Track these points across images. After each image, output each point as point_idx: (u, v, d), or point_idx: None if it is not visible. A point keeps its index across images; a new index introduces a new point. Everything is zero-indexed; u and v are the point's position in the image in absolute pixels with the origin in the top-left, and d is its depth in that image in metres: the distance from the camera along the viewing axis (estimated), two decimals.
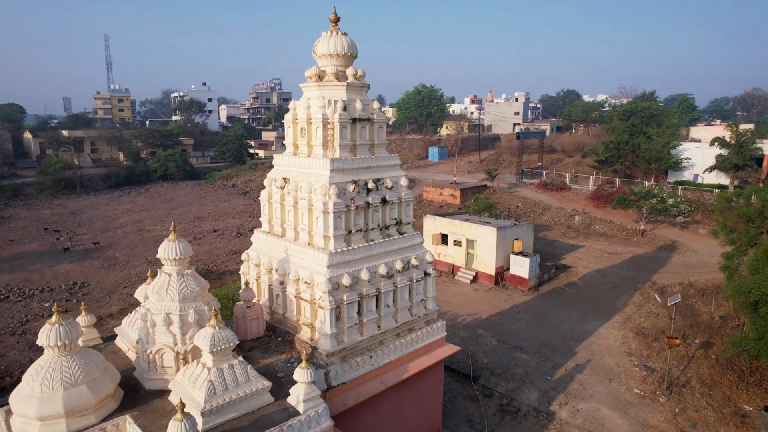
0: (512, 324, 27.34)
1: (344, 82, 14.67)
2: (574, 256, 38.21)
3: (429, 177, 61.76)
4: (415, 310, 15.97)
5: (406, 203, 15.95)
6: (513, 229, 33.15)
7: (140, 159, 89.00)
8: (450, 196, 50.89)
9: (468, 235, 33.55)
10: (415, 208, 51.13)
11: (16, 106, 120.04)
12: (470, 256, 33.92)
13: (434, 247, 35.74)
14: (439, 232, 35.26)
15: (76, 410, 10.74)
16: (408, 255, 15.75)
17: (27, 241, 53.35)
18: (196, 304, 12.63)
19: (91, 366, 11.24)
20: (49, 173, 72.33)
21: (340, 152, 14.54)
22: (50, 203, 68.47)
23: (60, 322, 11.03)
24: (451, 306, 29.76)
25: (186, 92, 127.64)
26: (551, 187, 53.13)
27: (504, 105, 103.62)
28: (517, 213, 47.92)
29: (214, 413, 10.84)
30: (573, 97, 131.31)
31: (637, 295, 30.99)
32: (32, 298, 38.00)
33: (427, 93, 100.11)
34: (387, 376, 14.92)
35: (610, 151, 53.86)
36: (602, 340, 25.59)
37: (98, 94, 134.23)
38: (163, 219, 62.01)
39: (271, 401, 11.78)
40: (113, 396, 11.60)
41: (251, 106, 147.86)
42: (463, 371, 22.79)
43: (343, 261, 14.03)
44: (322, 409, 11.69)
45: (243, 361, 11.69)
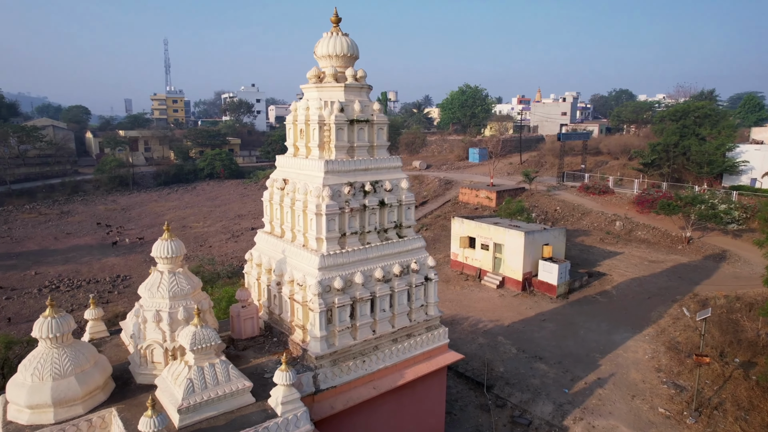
0: (535, 332, 26.35)
1: (342, 84, 14.53)
2: (611, 263, 36.45)
3: (467, 178, 60.77)
4: (414, 315, 15.63)
5: (407, 206, 15.64)
6: (542, 233, 31.99)
7: (189, 158, 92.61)
8: (486, 198, 49.83)
9: (495, 239, 32.67)
10: (450, 210, 50.46)
11: (82, 107, 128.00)
12: (497, 261, 33.02)
13: (462, 250, 35.08)
14: (467, 235, 34.54)
15: (63, 400, 11.16)
16: (407, 259, 15.44)
17: (81, 234, 56.62)
18: (187, 302, 12.86)
19: (81, 359, 11.65)
20: (105, 171, 76.51)
21: (337, 154, 14.41)
22: (105, 199, 72.42)
23: (52, 316, 11.49)
24: (474, 311, 29.06)
25: (235, 93, 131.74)
26: (593, 191, 50.99)
27: (551, 105, 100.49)
28: (555, 217, 46.27)
29: (191, 411, 10.97)
30: (626, 97, 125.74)
31: (674, 307, 29.15)
32: (79, 288, 40.25)
33: (471, 93, 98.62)
34: (381, 381, 14.67)
35: (657, 154, 51.03)
36: (630, 353, 24.21)
37: (155, 95, 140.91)
38: (206, 216, 64.25)
39: (252, 402, 11.81)
40: (102, 388, 11.97)
41: None
42: (478, 379, 22.16)
43: (336, 264, 13.90)
44: (301, 413, 11.60)
45: (225, 361, 11.78)
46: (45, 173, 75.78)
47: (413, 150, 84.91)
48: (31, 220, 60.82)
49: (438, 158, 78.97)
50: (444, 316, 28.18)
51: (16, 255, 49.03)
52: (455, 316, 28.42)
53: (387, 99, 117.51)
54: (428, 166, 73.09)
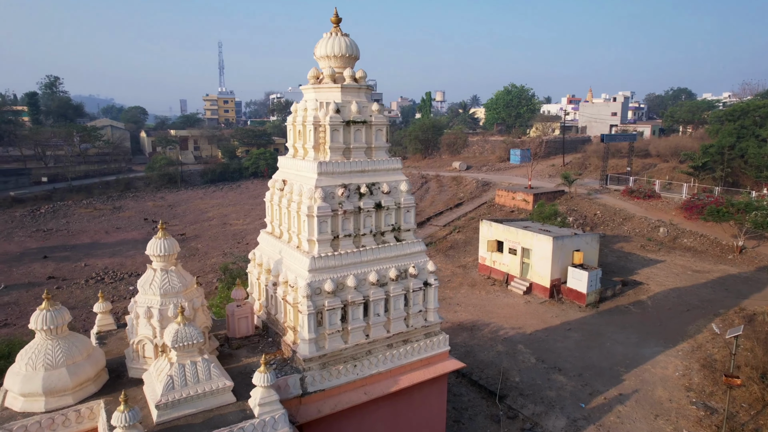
0: (558, 342, 25.27)
1: (339, 84, 14.39)
2: (650, 271, 34.50)
3: (505, 180, 59.34)
4: (412, 321, 15.28)
5: (406, 209, 15.31)
6: (573, 239, 30.66)
7: (236, 157, 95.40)
8: (522, 201, 48.44)
9: (523, 243, 31.63)
10: (485, 212, 49.40)
11: (140, 108, 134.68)
12: (525, 266, 31.96)
13: (489, 254, 34.22)
14: (495, 238, 33.64)
15: (53, 390, 11.61)
16: (405, 263, 15.11)
17: (129, 229, 59.52)
18: (178, 299, 13.09)
19: (74, 351, 12.09)
20: (156, 169, 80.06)
21: (332, 155, 14.29)
22: (154, 196, 75.79)
23: (48, 309, 11.99)
24: (496, 317, 28.23)
25: (283, 94, 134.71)
26: (637, 195, 48.51)
27: (600, 105, 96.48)
28: (594, 222, 44.33)
29: (169, 407, 11.14)
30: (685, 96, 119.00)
31: (716, 321, 27.20)
32: (122, 281, 42.30)
33: (516, 93, 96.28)
34: (373, 387, 14.42)
35: (710, 156, 47.86)
36: (659, 369, 22.76)
37: (207, 96, 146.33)
38: (247, 214, 65.96)
39: (232, 401, 11.87)
40: (94, 380, 12.38)
41: None
42: (491, 388, 21.46)
43: (327, 266, 13.78)
44: (279, 415, 11.53)
45: (208, 359, 11.90)
46: (102, 170, 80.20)
47: (454, 151, 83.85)
48: (87, 214, 64.49)
49: (479, 159, 77.60)
50: (464, 322, 27.67)
51: (71, 247, 52.11)
52: (476, 322, 27.72)
53: (431, 99, 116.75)
54: (468, 167, 71.94)
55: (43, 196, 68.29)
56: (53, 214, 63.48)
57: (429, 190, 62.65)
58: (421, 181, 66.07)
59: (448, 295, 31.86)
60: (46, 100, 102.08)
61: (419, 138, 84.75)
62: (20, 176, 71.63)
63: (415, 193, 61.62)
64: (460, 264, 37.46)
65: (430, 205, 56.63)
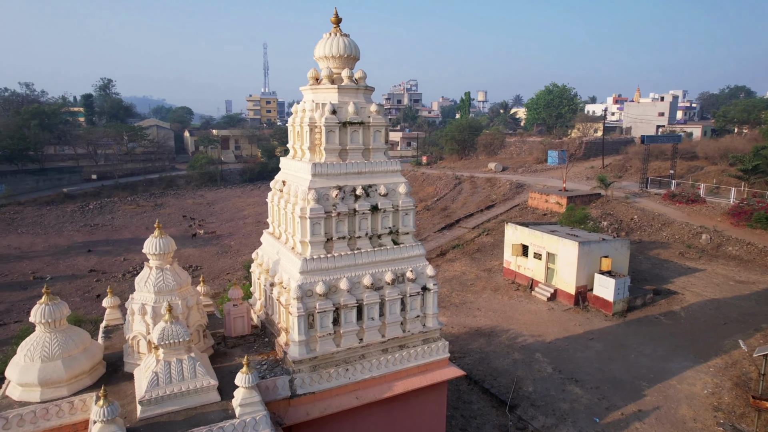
0: (578, 352, 24.26)
1: (335, 85, 14.27)
2: (687, 280, 32.63)
3: (541, 182, 57.74)
4: (409, 326, 14.97)
5: (405, 212, 15.00)
6: (600, 244, 29.39)
7: (274, 156, 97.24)
8: (556, 204, 46.95)
9: (548, 248, 30.59)
10: (516, 215, 48.22)
11: (186, 108, 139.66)
12: (550, 272, 30.90)
13: (514, 258, 33.31)
14: (520, 242, 32.71)
15: (48, 381, 12.05)
16: (402, 267, 14.83)
17: (168, 226, 61.62)
18: (171, 297, 13.33)
19: (70, 344, 12.50)
20: (197, 167, 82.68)
21: (327, 157, 14.18)
22: (194, 194, 78.30)
23: (47, 303, 12.46)
24: (516, 324, 27.41)
25: None
26: (680, 199, 46.04)
27: (647, 105, 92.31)
28: (630, 227, 42.40)
29: (153, 404, 11.32)
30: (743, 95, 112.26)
31: (756, 337, 25.40)
32: None
33: (557, 92, 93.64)
34: (366, 392, 14.21)
35: (762, 159, 44.83)
36: (685, 385, 21.44)
37: (250, 97, 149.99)
38: None
39: (217, 400, 11.94)
40: (89, 373, 12.76)
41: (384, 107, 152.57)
42: (502, 397, 20.82)
43: (320, 268, 13.68)
44: (261, 417, 11.50)
45: (194, 357, 12.02)
46: (147, 169, 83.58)
47: (491, 151, 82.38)
48: (130, 211, 67.36)
49: (516, 160, 75.89)
50: (482, 327, 27.02)
51: (113, 242, 54.53)
52: (495, 328, 27.01)
53: (471, 99, 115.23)
54: (504, 168, 70.48)
55: (92, 192, 71.82)
56: (100, 210, 66.67)
57: (462, 191, 61.75)
58: (454, 182, 65.23)
59: (469, 299, 31.23)
60: (100, 102, 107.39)
61: (455, 138, 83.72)
62: (73, 174, 75.60)
63: (447, 195, 60.99)
64: (486, 267, 36.67)
65: (461, 206, 55.81)
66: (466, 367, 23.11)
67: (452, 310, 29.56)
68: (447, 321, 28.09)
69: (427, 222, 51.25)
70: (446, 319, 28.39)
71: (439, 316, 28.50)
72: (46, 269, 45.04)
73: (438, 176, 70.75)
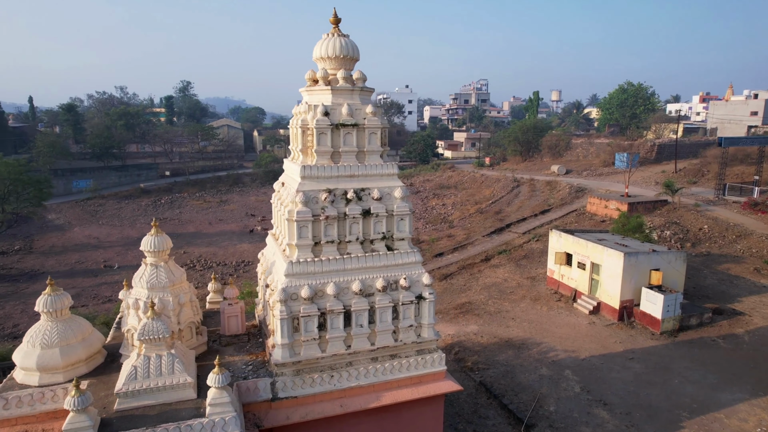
0: (613, 372, 22.42)
1: (329, 86, 14.06)
2: (759, 300, 29.25)
3: (604, 186, 54.34)
4: (401, 335, 14.47)
5: (400, 217, 14.50)
6: (650, 256, 27.01)
7: None
8: (616, 210, 43.93)
9: (593, 258, 28.59)
10: (572, 221, 45.75)
11: (258, 109, 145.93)
12: (594, 283, 28.87)
13: (558, 267, 31.50)
14: (564, 250, 30.86)
15: (46, 368, 12.83)
16: (395, 274, 14.35)
17: (230, 222, 64.57)
18: (163, 293, 13.76)
19: (69, 333, 13.24)
20: (262, 165, 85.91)
21: (318, 159, 14.01)
22: (258, 191, 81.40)
23: (50, 294, 13.27)
24: (550, 337, 25.85)
25: (388, 94, 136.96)
26: (762, 208, 41.43)
27: (738, 104, 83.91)
28: (698, 237, 38.71)
29: (129, 396, 11.71)
30: None
31: None
32: (210, 269, 45.93)
33: (633, 91, 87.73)
34: (352, 400, 13.90)
35: None
36: (735, 420, 19.12)
37: None
38: None
39: (192, 397, 12.14)
40: (85, 362, 13.45)
41: (450, 107, 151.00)
42: (520, 415, 19.67)
43: (306, 272, 13.54)
44: (230, 418, 11.54)
45: (173, 354, 12.30)
46: (216, 166, 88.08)
47: (556, 153, 78.76)
48: (197, 206, 71.26)
49: (581, 163, 72.00)
50: (514, 338, 25.76)
51: (177, 235, 57.72)
52: (527, 340, 25.64)
53: (540, 99, 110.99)
54: (568, 171, 67.11)
55: (165, 188, 76.78)
56: (170, 204, 71.12)
57: (519, 194, 59.51)
58: (512, 185, 63.01)
59: (505, 308, 29.89)
60: (179, 103, 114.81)
61: (519, 139, 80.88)
62: (150, 170, 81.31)
63: (503, 198, 59.02)
64: (529, 275, 34.97)
65: (516, 210, 53.76)
66: (489, 380, 22.15)
67: (485, 319, 28.43)
68: (477, 330, 27.07)
69: (477, 226, 49.84)
70: (476, 327, 27.37)
71: (470, 324, 27.65)
72: (116, 258, 48.69)
73: (497, 178, 68.70)
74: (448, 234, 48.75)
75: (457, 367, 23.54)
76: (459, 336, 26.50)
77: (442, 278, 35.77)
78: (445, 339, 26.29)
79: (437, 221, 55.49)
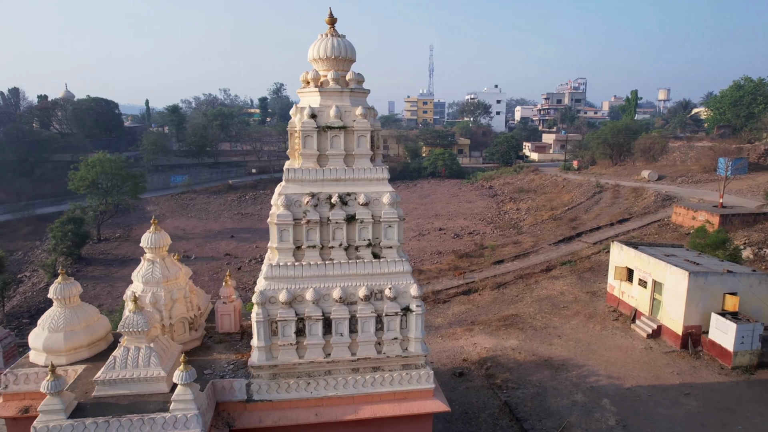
0: (660, 407, 19.84)
1: (316, 88, 13.81)
2: None
3: (697, 195, 48.66)
4: (385, 348, 13.86)
5: (388, 223, 13.88)
6: (724, 278, 23.56)
7: (418, 155, 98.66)
8: (706, 222, 39.09)
9: (655, 275, 25.58)
10: (652, 233, 41.56)
11: None
12: (656, 303, 25.83)
13: (618, 283, 28.66)
14: (625, 265, 27.97)
15: (51, 350, 13.95)
16: (380, 283, 13.77)
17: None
18: (157, 288, 14.38)
19: (74, 320, 14.30)
20: None
21: (304, 162, 13.83)
22: None
23: (61, 282, 14.41)
24: (595, 360, 23.54)
25: (476, 94, 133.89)
26: None
27: None
28: None
29: (106, 385, 12.36)
30: None
31: None
32: None
33: (750, 88, 77.52)
34: (328, 410, 13.56)
35: None
36: None
37: (408, 98, 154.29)
38: (408, 213, 67.71)
39: (165, 391, 12.52)
40: (87, 348, 14.44)
41: (542, 107, 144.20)
42: None
43: (286, 275, 13.43)
44: (192, 415, 11.75)
45: (151, 347, 12.79)
46: None
47: (650, 157, 71.96)
48: None
49: (677, 168, 65.10)
50: (554, 358, 23.88)
51: (253, 230, 61.02)
52: (568, 361, 23.59)
53: (638, 98, 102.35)
54: (660, 177, 61.10)
55: (251, 185, 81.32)
56: (254, 200, 75.21)
57: (600, 201, 55.18)
58: (594, 190, 58.60)
59: (553, 323, 27.74)
60: (273, 104, 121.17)
61: (608, 142, 75.05)
62: (239, 168, 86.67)
63: (582, 204, 55.15)
64: (590, 290, 32.18)
65: (593, 218, 49.88)
66: (515, 401, 20.66)
67: (528, 334, 26.60)
68: (516, 345, 25.40)
69: (547, 233, 46.94)
70: (516, 342, 25.69)
71: (510, 338, 26.06)
72: (195, 250, 52.38)
73: (579, 183, 64.33)
74: (515, 240, 46.45)
75: (485, 384, 22.25)
76: (495, 350, 25.03)
77: (494, 287, 34.11)
78: (479, 352, 24.99)
79: (506, 227, 53.15)
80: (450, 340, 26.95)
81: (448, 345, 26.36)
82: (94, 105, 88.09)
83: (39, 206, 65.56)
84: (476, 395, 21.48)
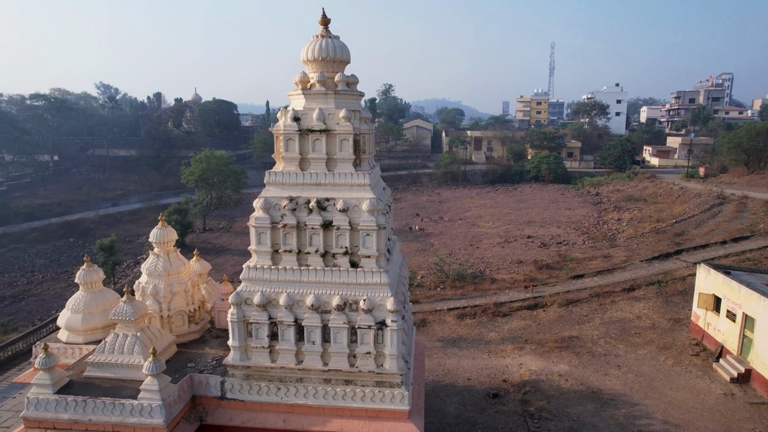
0: None
1: (300, 90, 13.60)
2: None
3: None
4: (359, 362, 13.28)
5: (366, 232, 13.25)
6: None
7: (521, 158, 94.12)
8: None
9: (746, 308, 21.47)
10: None
11: (457, 110, 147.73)
12: (746, 342, 21.66)
13: (704, 313, 24.59)
14: (711, 292, 23.89)
15: (71, 329, 15.56)
16: (355, 293, 13.22)
17: (396, 219, 67.20)
18: (158, 281, 15.29)
19: (92, 304, 15.77)
20: (441, 166, 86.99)
21: (285, 165, 13.72)
22: (432, 191, 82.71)
23: (85, 269, 15.97)
24: (655, 399, 20.40)
25: (593, 94, 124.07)
26: None
27: None
28: None
29: (96, 366, 13.43)
30: None
31: None
32: None
33: None
34: (297, 418, 13.35)
35: None
36: None
37: (521, 98, 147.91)
38: (501, 217, 64.97)
39: (143, 379, 13.25)
40: (102, 330, 15.79)
41: (671, 107, 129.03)
42: None
43: (261, 278, 13.47)
44: (156, 405, 12.31)
45: (137, 336, 13.62)
46: (400, 165, 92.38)
47: None
48: None
49: None
50: (605, 391, 21.45)
51: None
52: (620, 396, 20.79)
53: None
54: None
55: None
56: None
57: (718, 214, 47.93)
58: (713, 202, 51.11)
59: (617, 351, 24.61)
60: (381, 105, 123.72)
61: (742, 146, 64.88)
62: None
63: (695, 217, 48.61)
64: (673, 317, 28.01)
65: (706, 233, 43.44)
66: None
67: (583, 360, 23.92)
68: (565, 371, 23.00)
69: (644, 248, 41.85)
70: (566, 368, 23.26)
71: (561, 362, 23.82)
72: None
73: (697, 193, 56.62)
74: (606, 254, 42.13)
75: (517, 409, 20.45)
76: (540, 374, 22.89)
77: (563, 304, 31.24)
78: (522, 374, 23.04)
79: (600, 238, 48.45)
80: (496, 358, 25.22)
81: (492, 362, 24.69)
82: (216, 106, 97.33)
83: (164, 197, 74.14)
84: (504, 421, 19.81)
